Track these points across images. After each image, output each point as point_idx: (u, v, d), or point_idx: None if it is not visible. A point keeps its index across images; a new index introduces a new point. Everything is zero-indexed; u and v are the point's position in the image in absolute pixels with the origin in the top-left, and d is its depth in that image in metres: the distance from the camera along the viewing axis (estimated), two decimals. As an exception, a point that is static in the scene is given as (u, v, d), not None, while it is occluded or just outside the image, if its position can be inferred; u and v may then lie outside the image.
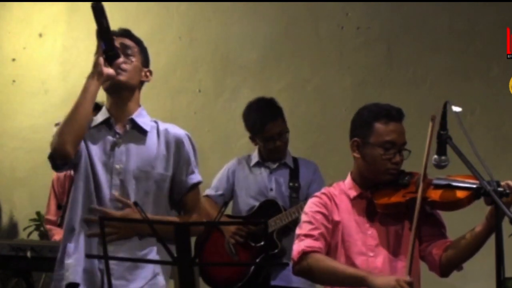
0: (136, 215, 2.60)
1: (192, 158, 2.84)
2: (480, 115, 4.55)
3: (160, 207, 2.78)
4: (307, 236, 2.78)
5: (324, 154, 4.64)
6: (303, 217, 2.86)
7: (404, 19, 4.83)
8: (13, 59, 5.87)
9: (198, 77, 5.33)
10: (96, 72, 2.70)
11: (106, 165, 2.75)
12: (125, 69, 2.76)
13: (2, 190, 5.80)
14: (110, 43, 2.72)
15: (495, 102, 4.55)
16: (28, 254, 3.83)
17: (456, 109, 2.61)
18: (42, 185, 5.07)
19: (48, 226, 4.43)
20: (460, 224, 2.85)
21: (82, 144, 2.75)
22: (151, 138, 2.80)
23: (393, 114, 2.82)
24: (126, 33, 2.86)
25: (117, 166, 2.74)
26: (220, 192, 4.10)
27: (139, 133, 2.80)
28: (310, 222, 2.81)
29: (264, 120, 3.93)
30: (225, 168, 4.15)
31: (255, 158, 4.10)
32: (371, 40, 4.90)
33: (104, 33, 2.70)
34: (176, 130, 2.85)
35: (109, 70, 2.72)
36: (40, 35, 5.69)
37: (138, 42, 2.87)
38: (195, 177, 2.85)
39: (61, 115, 2.88)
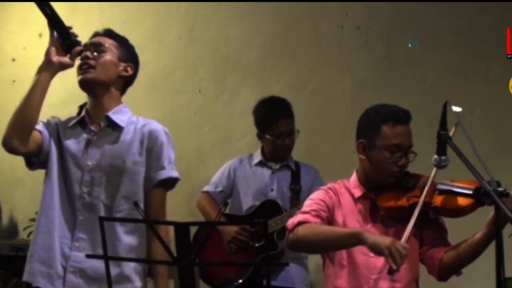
0: None
1: (165, 153, 2.75)
2: (480, 115, 4.54)
3: (133, 199, 2.68)
4: (304, 212, 2.78)
5: (323, 154, 4.63)
6: (306, 202, 2.86)
7: (404, 19, 4.82)
8: (13, 59, 5.86)
9: (198, 77, 5.32)
10: (45, 62, 2.67)
11: (79, 162, 2.73)
12: (93, 65, 2.71)
13: (2, 190, 5.79)
14: (64, 32, 2.67)
15: (495, 102, 4.54)
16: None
17: (456, 109, 2.61)
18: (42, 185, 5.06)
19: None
20: (463, 228, 2.84)
21: (52, 142, 2.73)
22: (126, 133, 2.76)
23: (401, 117, 2.80)
24: (106, 32, 2.84)
25: (89, 163, 2.72)
26: (219, 189, 4.09)
27: (114, 129, 2.76)
28: (311, 204, 2.81)
29: (277, 116, 3.93)
30: (227, 165, 4.14)
31: (257, 157, 4.08)
32: (371, 40, 4.89)
33: (52, 21, 2.67)
34: (153, 125, 2.79)
35: (62, 59, 2.67)
36: (40, 35, 5.67)
37: (118, 39, 2.83)
38: (165, 173, 2.75)
39: (61, 115, 2.88)
